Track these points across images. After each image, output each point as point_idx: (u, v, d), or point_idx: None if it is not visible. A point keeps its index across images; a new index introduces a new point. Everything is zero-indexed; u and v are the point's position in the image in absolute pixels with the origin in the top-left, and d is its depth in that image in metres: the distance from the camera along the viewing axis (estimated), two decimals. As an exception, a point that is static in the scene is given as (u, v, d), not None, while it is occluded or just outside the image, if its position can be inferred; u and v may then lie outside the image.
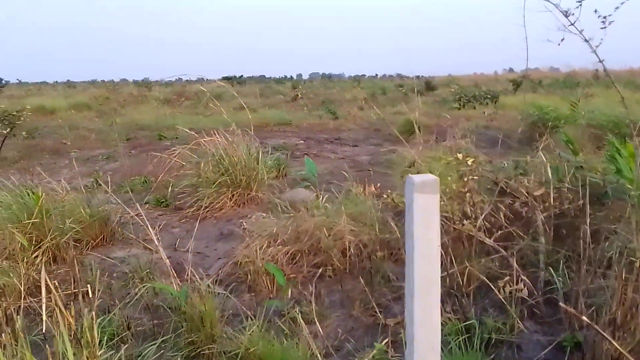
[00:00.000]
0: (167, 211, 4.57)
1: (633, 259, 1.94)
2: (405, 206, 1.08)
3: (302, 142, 9.17)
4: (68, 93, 27.40)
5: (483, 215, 2.55)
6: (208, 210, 4.31)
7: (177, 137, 8.97)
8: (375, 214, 3.23)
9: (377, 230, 3.11)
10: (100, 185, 5.84)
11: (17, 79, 47.52)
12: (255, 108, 14.57)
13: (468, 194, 2.69)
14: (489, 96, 14.08)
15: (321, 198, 3.50)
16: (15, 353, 1.62)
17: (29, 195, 3.26)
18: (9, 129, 8.00)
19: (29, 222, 3.10)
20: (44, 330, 1.86)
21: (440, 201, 2.86)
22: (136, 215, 3.98)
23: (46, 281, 1.73)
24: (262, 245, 3.09)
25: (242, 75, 34.95)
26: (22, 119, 8.23)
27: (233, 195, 4.35)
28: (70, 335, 1.46)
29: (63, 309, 1.46)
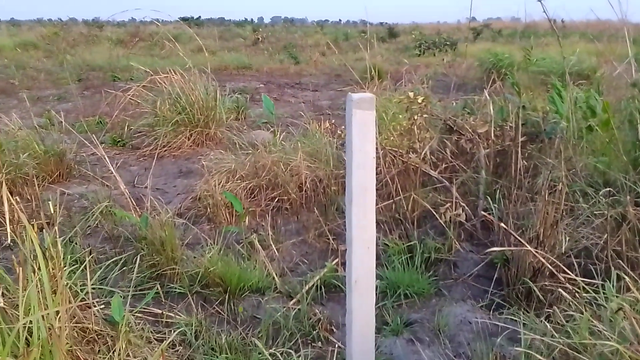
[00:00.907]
0: (124, 150, 4.56)
1: (556, 184, 2.16)
2: (346, 121, 1.19)
3: (263, 85, 9.10)
4: (12, 32, 25.59)
5: (427, 148, 2.72)
6: (166, 149, 4.33)
7: (132, 79, 8.69)
8: (330, 151, 3.36)
9: (332, 165, 3.25)
10: (53, 125, 5.70)
11: (-46, 16, 43.75)
12: (215, 51, 14.18)
13: (417, 130, 2.84)
14: (448, 43, 14.20)
15: (279, 136, 3.58)
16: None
17: (-21, 129, 3.19)
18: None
19: (-19, 156, 3.06)
20: (9, 242, 1.93)
21: (390, 137, 3.02)
22: (94, 151, 3.98)
23: (9, 203, 1.78)
24: (221, 181, 3.18)
25: (200, 17, 33.45)
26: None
27: (191, 135, 4.38)
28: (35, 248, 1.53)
29: (27, 224, 1.53)
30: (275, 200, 3.17)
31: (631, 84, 2.57)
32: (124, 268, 2.27)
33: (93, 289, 1.83)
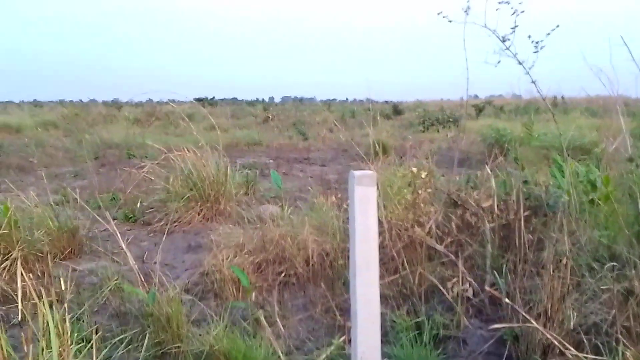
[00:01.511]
0: (135, 226, 4.64)
1: (561, 258, 2.17)
2: (349, 197, 1.26)
3: (272, 161, 9.34)
4: (35, 112, 26.89)
5: (432, 222, 2.77)
6: (176, 224, 4.41)
7: (146, 156, 9.00)
8: (336, 224, 3.41)
9: (339, 239, 3.29)
10: (68, 201, 5.86)
11: (-21, 98, 46.26)
12: (227, 128, 14.72)
13: (422, 204, 2.90)
14: (451, 119, 14.66)
15: (287, 210, 3.66)
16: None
17: (-3, 206, 3.30)
18: (-27, 146, 7.87)
19: (-3, 233, 3.14)
20: (19, 319, 1.94)
21: (395, 210, 3.07)
22: (106, 227, 4.07)
23: (22, 280, 1.83)
24: (229, 255, 3.21)
25: (214, 97, 35.03)
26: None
27: (202, 210, 4.47)
28: (45, 326, 1.56)
29: (38, 301, 1.57)
30: (282, 274, 3.18)
31: (627, 159, 2.65)
32: (130, 347, 2.26)
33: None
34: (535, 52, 2.46)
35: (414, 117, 20.08)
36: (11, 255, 3.21)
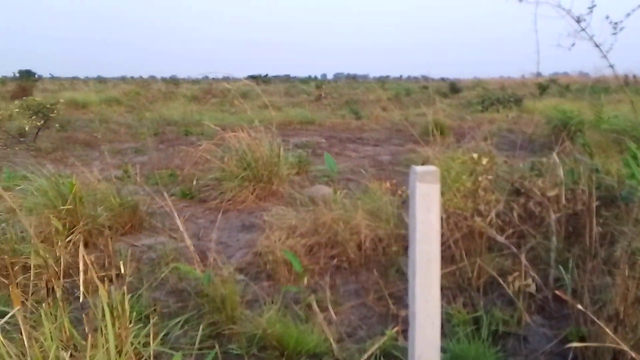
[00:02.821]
0: (192, 203, 4.76)
1: (638, 257, 2.00)
2: (409, 193, 1.19)
3: (325, 140, 9.30)
4: (99, 88, 28.20)
5: (494, 212, 2.63)
6: (231, 203, 4.48)
7: (202, 134, 9.23)
8: (391, 209, 3.33)
9: (392, 224, 3.21)
10: (129, 176, 6.11)
11: (50, 74, 49.06)
12: (280, 106, 14.81)
13: (481, 192, 2.77)
14: (512, 99, 13.98)
15: (339, 193, 3.61)
16: (55, 320, 1.79)
17: (63, 183, 3.47)
18: (43, 121, 8.34)
19: (64, 209, 3.30)
20: (80, 300, 2.03)
21: (454, 198, 2.95)
22: (163, 204, 4.19)
23: (83, 258, 1.90)
24: (282, 237, 3.22)
25: (267, 75, 35.31)
26: (55, 111, 8.57)
27: (255, 189, 4.51)
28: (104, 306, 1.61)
29: (98, 282, 1.62)
30: (335, 259, 3.16)
31: None
32: (186, 326, 2.32)
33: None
34: (613, 34, 2.23)
35: (472, 96, 19.37)
36: (76, 229, 3.37)
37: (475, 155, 2.95)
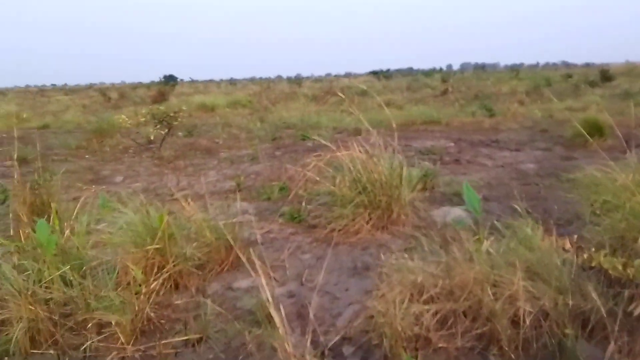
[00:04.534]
0: (299, 229, 4.16)
1: None
2: None
3: (453, 144, 8.19)
4: (229, 90, 29.75)
5: None
6: (343, 233, 3.78)
7: (319, 135, 8.71)
8: (562, 269, 2.34)
9: (565, 293, 2.23)
10: (240, 190, 5.77)
11: (190, 78, 53.62)
12: (401, 104, 13.84)
13: None
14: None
15: (485, 241, 2.66)
16: None
17: (153, 216, 3.05)
18: (167, 130, 8.49)
19: (151, 248, 2.87)
20: None
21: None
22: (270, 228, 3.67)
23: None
24: (404, 299, 2.42)
25: (388, 69, 34.33)
26: (178, 120, 8.68)
27: (371, 218, 3.75)
28: None
29: None
30: (479, 338, 2.27)
31: None
32: None
33: None
34: None
35: (630, 84, 16.45)
36: (165, 270, 2.93)
37: None
